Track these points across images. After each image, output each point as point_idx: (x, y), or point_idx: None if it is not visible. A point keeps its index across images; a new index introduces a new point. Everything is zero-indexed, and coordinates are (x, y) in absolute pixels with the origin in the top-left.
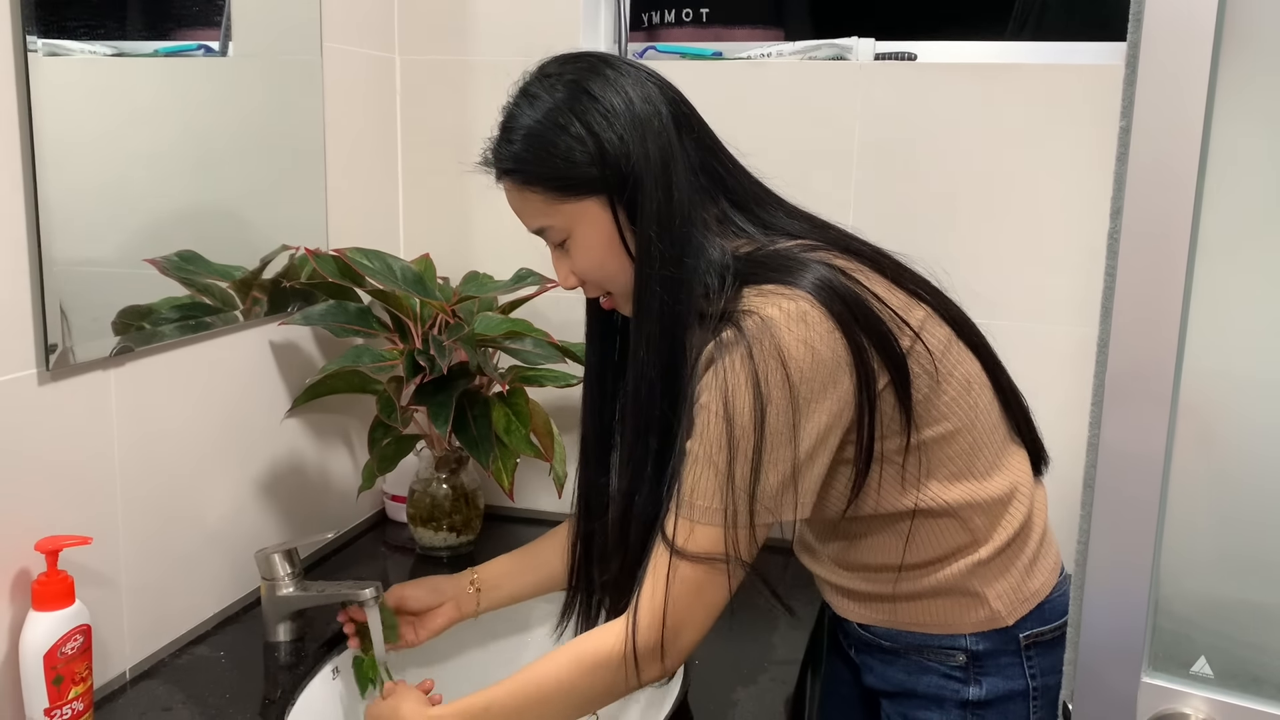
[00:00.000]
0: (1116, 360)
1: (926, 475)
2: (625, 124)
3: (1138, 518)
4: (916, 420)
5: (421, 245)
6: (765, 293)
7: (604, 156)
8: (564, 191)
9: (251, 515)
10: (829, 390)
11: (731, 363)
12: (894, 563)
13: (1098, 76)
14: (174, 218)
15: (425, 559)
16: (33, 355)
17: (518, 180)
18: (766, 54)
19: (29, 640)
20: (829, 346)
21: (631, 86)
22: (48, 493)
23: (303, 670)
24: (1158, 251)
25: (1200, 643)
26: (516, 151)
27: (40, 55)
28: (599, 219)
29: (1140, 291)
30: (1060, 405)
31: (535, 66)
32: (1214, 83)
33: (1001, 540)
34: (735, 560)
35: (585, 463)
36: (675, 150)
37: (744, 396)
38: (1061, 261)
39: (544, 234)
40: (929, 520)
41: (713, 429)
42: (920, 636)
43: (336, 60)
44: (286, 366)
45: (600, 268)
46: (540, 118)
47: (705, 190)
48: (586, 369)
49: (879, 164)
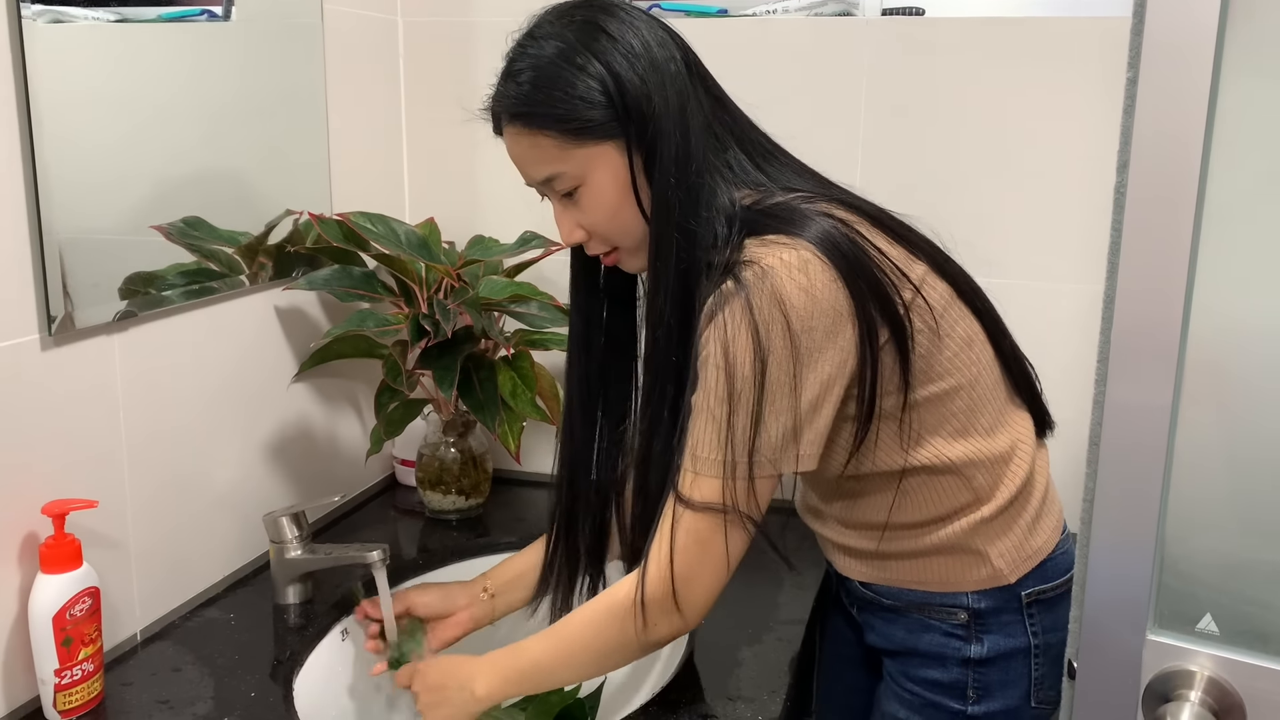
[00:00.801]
0: (1123, 317)
1: (929, 432)
2: (645, 66)
3: (1143, 475)
4: (917, 377)
5: (426, 209)
6: (767, 242)
7: (625, 98)
8: (579, 135)
9: (259, 479)
10: (831, 340)
11: (732, 313)
12: (896, 521)
13: (1107, 28)
14: (179, 184)
15: (435, 522)
16: (35, 321)
17: (529, 124)
18: (772, 10)
19: (38, 602)
20: (830, 296)
21: (646, 30)
22: (54, 457)
23: (312, 632)
24: (1165, 205)
25: (1206, 600)
26: (527, 93)
27: (41, 22)
28: (614, 165)
29: (1147, 246)
30: (1068, 363)
31: (539, 11)
32: (1222, 32)
33: (1004, 498)
34: (735, 511)
35: (570, 423)
36: (690, 96)
37: (744, 347)
38: (1071, 217)
39: (551, 183)
40: (931, 478)
41: (714, 381)
42: (922, 594)
43: (338, 22)
44: (292, 331)
45: (612, 218)
46: (554, 57)
47: (717, 137)
48: (571, 329)
49: (886, 120)
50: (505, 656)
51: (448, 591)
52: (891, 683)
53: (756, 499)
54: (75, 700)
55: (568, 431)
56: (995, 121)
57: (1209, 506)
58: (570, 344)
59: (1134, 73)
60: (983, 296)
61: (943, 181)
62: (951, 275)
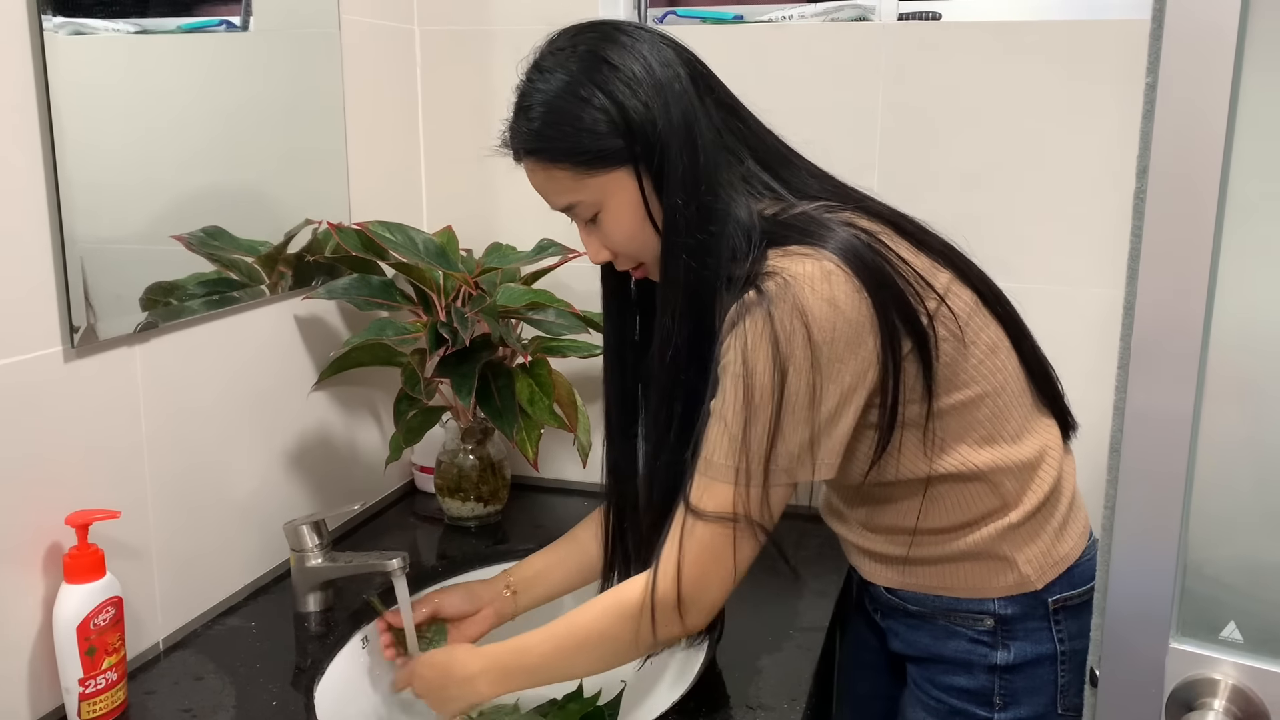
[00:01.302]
0: (1143, 323)
1: (954, 440)
2: (648, 90)
3: (1165, 482)
4: (942, 385)
5: (444, 217)
6: (789, 253)
7: (629, 125)
8: (591, 165)
9: (279, 487)
10: (853, 351)
11: (753, 323)
12: (923, 526)
13: (1125, 31)
14: (198, 194)
15: (454, 529)
16: (58, 333)
17: (542, 159)
18: (788, 16)
19: (62, 612)
20: (853, 306)
21: (649, 51)
22: (77, 468)
23: (332, 640)
24: (1186, 210)
25: (1230, 606)
26: (538, 129)
27: (62, 35)
28: (628, 190)
29: (1168, 252)
30: (1087, 368)
31: (544, 41)
32: (1243, 36)
33: (1032, 504)
34: (746, 520)
35: (610, 433)
36: (697, 112)
37: (763, 357)
38: (1088, 222)
39: (572, 211)
40: (959, 484)
41: (732, 389)
42: (948, 600)
43: (355, 32)
44: (311, 340)
45: (633, 239)
46: (560, 91)
47: (730, 150)
48: (605, 342)
49: (903, 125)
50: (509, 655)
51: (471, 590)
52: (916, 689)
53: (769, 508)
54: (99, 709)
55: (610, 440)
56: (1013, 125)
57: (1232, 513)
58: (605, 355)
59: (1154, 77)
60: (1005, 301)
61: (960, 186)
62: (974, 282)
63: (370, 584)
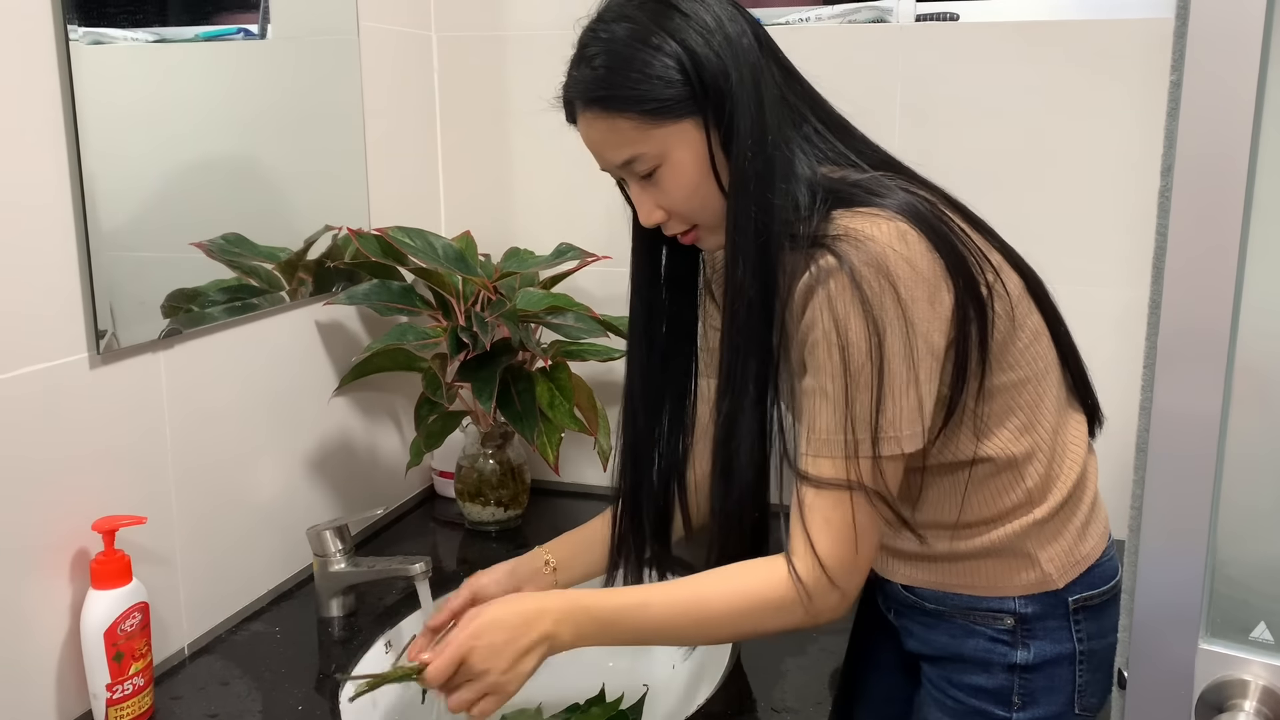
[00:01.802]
0: (1169, 322)
1: (996, 423)
2: (720, 41)
3: (1193, 481)
4: (993, 363)
5: (463, 222)
6: (858, 214)
7: (702, 74)
8: (659, 115)
9: (302, 493)
10: (935, 310)
11: (839, 287)
12: (951, 520)
13: (1146, 30)
14: (218, 201)
15: (474, 534)
16: (83, 340)
17: (607, 108)
18: (805, 18)
19: (89, 618)
20: (929, 266)
21: (717, 5)
22: (103, 474)
23: (356, 644)
24: (1211, 208)
25: (1260, 607)
26: (603, 76)
27: (83, 44)
28: (694, 142)
29: (1193, 250)
30: (1109, 368)
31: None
32: (1269, 30)
33: (1056, 501)
34: (861, 489)
35: (631, 408)
36: (763, 70)
37: (856, 321)
38: (1109, 222)
39: (630, 165)
40: (990, 475)
41: (826, 358)
42: (968, 599)
43: (374, 39)
44: (333, 346)
45: (693, 195)
46: (628, 38)
47: (793, 109)
48: (632, 318)
49: (921, 127)
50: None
51: (513, 568)
52: (932, 689)
53: (884, 477)
54: (126, 714)
55: (629, 418)
56: (1032, 125)
57: (1261, 511)
58: (631, 331)
59: (1178, 75)
60: (1047, 292)
61: (979, 186)
62: (1021, 268)
63: (394, 588)
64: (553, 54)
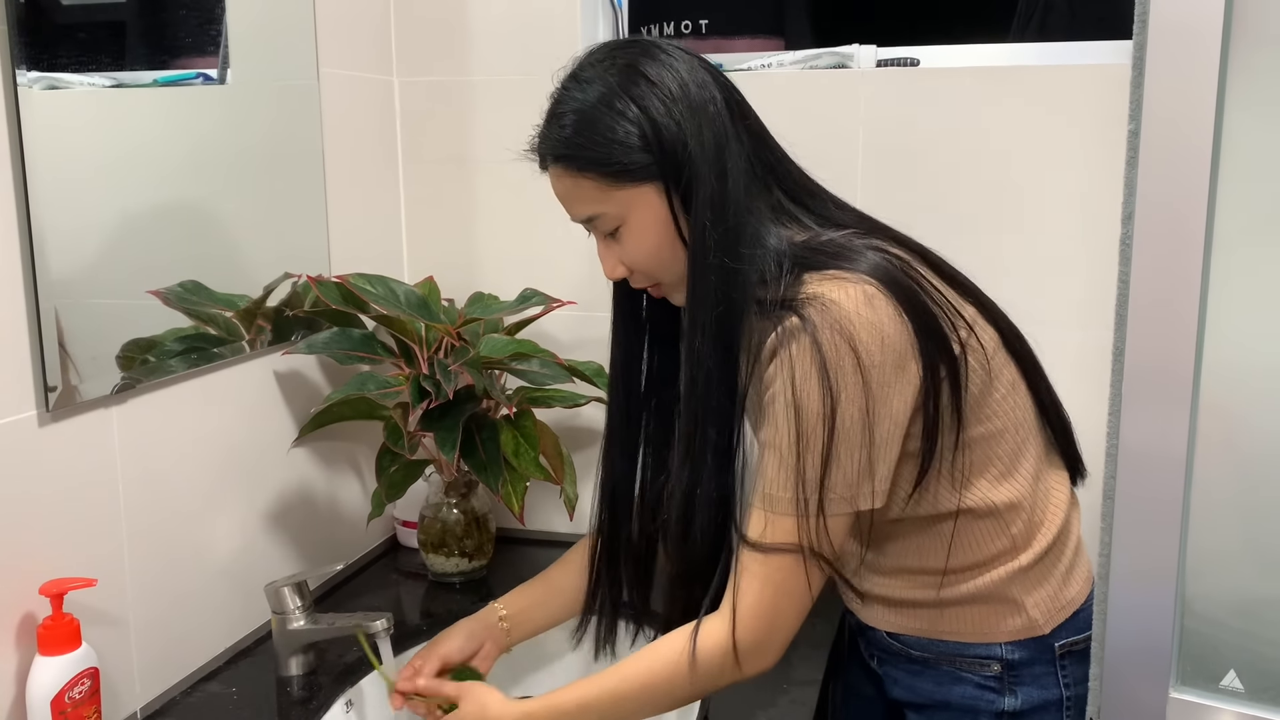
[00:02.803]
0: (1134, 366)
1: (976, 474)
2: (683, 109)
3: (1160, 528)
4: (969, 416)
5: (425, 268)
6: (827, 277)
7: (661, 142)
8: (620, 178)
9: (261, 548)
10: (900, 373)
11: (800, 350)
12: (937, 566)
13: (1104, 76)
14: (176, 248)
15: (438, 585)
16: (32, 396)
17: (570, 166)
18: (767, 64)
19: (35, 686)
20: (897, 329)
21: (686, 71)
22: (52, 535)
23: (316, 704)
24: (1172, 255)
25: (1229, 652)
26: (568, 136)
27: (36, 89)
28: (655, 206)
29: (1155, 296)
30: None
31: (582, 53)
32: (1224, 81)
33: (1041, 547)
34: (809, 551)
35: (609, 456)
36: (730, 137)
37: (814, 384)
38: (1069, 265)
39: (593, 222)
40: (972, 523)
41: (783, 419)
42: (955, 645)
43: (334, 85)
44: (292, 396)
45: (653, 256)
46: (595, 101)
47: (760, 179)
48: (612, 362)
49: (883, 172)
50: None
51: (469, 630)
52: None
53: (830, 537)
54: None
55: (607, 466)
56: (993, 169)
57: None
58: (611, 375)
59: (1136, 124)
60: (1024, 343)
61: (941, 229)
62: (996, 319)
63: (355, 646)
64: (516, 99)
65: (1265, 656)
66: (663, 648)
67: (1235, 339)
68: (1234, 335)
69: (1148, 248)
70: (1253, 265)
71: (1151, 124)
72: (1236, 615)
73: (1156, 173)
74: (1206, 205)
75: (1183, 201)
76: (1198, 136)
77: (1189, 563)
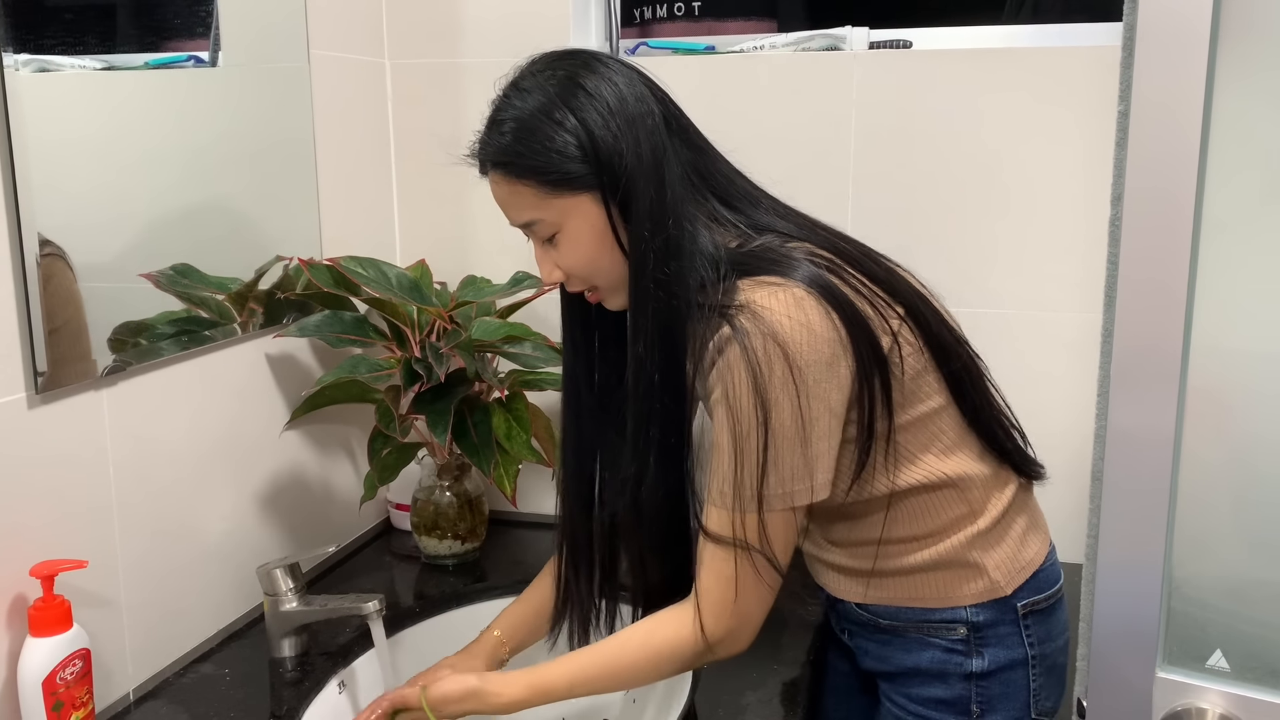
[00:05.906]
0: (1122, 349)
1: (920, 450)
2: (620, 121)
3: (1148, 509)
4: (906, 399)
5: (417, 250)
6: (760, 283)
7: (598, 153)
8: (558, 186)
9: (253, 530)
10: (832, 371)
11: (734, 359)
12: (893, 536)
13: (1097, 58)
14: (167, 231)
15: (431, 567)
16: (21, 379)
17: (509, 173)
18: (759, 46)
19: (27, 667)
20: (827, 328)
21: (625, 85)
22: (43, 517)
23: (308, 685)
24: (1161, 237)
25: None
26: (507, 144)
27: (26, 72)
28: (592, 215)
29: (1145, 278)
30: (1066, 390)
31: (525, 62)
32: (1213, 62)
33: (997, 511)
34: (746, 546)
35: (566, 456)
36: (666, 149)
37: (746, 389)
38: (1062, 246)
39: (531, 228)
40: (929, 493)
41: (722, 421)
42: (921, 611)
43: (325, 67)
44: (284, 378)
45: (589, 263)
46: (534, 110)
47: (696, 188)
48: (564, 363)
49: (876, 154)
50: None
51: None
52: (890, 705)
53: (768, 534)
54: None
55: (565, 466)
56: (986, 152)
57: (1219, 533)
58: (564, 377)
59: (1125, 105)
60: (959, 352)
61: (935, 213)
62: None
63: (348, 627)
64: (505, 75)
65: (1251, 636)
66: (636, 636)
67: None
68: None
69: (1137, 229)
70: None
71: (1141, 105)
72: (1223, 596)
73: (1146, 154)
74: (1196, 187)
75: (1172, 183)
76: (1187, 118)
77: (1176, 544)
